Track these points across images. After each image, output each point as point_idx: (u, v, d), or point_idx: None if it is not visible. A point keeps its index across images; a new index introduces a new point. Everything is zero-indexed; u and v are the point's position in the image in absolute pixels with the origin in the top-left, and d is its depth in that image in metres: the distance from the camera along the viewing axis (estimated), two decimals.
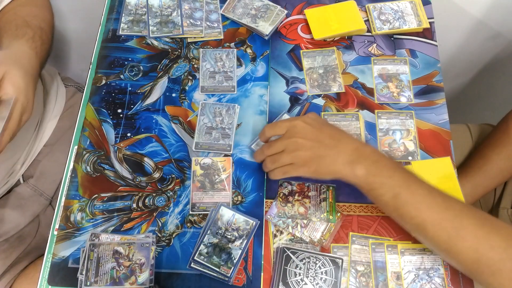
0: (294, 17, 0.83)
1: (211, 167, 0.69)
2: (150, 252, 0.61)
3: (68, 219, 0.65)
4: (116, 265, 0.60)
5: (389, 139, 0.72)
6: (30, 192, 0.84)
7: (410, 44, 0.81)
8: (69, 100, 0.94)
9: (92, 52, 0.78)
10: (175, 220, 0.65)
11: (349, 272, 0.63)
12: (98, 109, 0.73)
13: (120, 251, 0.61)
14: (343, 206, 0.68)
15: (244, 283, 0.62)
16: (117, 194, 0.67)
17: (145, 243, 0.62)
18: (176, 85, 0.76)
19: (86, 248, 0.61)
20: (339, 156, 0.58)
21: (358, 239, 0.65)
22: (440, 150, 0.72)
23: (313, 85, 0.77)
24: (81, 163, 0.69)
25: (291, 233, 0.65)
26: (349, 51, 0.80)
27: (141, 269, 0.60)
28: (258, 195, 0.67)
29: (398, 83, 0.77)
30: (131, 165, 0.69)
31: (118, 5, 0.83)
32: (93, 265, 0.60)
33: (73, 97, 0.96)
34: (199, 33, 0.80)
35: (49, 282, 0.61)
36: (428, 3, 0.85)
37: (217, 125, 0.71)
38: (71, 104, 0.94)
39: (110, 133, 0.71)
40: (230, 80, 0.76)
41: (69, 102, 0.94)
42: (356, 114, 0.74)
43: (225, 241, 0.62)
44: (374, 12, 0.83)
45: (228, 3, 0.82)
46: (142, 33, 0.80)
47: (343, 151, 0.58)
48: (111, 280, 0.59)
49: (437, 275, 0.63)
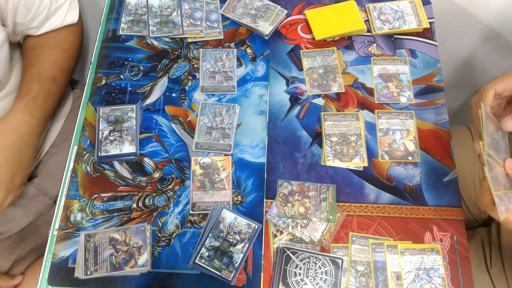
0: (294, 17, 0.83)
1: (210, 166, 0.69)
2: (146, 235, 0.62)
3: (68, 219, 0.65)
4: (114, 251, 0.61)
5: (389, 139, 0.72)
6: (35, 191, 0.84)
7: (410, 44, 0.81)
8: (75, 102, 0.95)
9: (92, 52, 0.78)
10: (175, 220, 0.65)
11: (349, 272, 0.63)
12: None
13: (116, 238, 0.62)
14: (343, 206, 0.68)
15: (244, 283, 0.62)
16: (117, 194, 0.67)
17: (140, 227, 0.63)
18: (176, 85, 0.76)
19: (81, 240, 0.61)
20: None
21: (358, 239, 0.65)
22: (440, 150, 0.72)
23: (313, 85, 0.77)
24: (81, 163, 0.69)
25: (291, 233, 0.65)
26: (349, 51, 0.80)
27: (139, 252, 0.61)
28: (258, 195, 0.67)
29: (398, 83, 0.77)
30: (131, 165, 0.69)
31: (118, 5, 0.83)
32: (91, 254, 0.60)
33: (78, 99, 0.97)
34: (199, 33, 0.80)
35: (49, 282, 0.61)
36: (428, 3, 0.85)
37: (217, 125, 0.71)
38: (77, 105, 0.95)
39: None
40: (230, 80, 0.76)
41: (75, 103, 0.95)
42: (356, 114, 0.74)
43: (227, 245, 0.62)
44: (374, 12, 0.83)
45: (228, 3, 0.82)
46: (142, 33, 0.80)
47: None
48: (111, 266, 0.60)
49: (437, 275, 0.63)
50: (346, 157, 0.70)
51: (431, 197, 0.68)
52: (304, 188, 0.68)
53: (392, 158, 0.71)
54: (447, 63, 1.11)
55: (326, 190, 0.68)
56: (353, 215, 0.67)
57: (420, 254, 0.64)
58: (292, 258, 0.62)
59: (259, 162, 0.70)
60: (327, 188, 0.68)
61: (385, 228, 0.66)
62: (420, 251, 0.64)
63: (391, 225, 0.66)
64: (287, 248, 0.63)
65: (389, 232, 0.66)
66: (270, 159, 0.70)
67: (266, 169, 0.69)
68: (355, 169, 0.70)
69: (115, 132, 0.70)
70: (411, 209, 0.68)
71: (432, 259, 0.63)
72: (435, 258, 0.63)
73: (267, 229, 0.66)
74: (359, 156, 0.70)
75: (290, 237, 0.65)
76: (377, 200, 0.68)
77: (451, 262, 0.64)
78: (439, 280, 0.62)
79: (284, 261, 0.62)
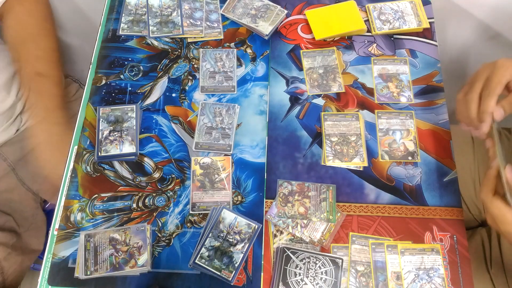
0: (294, 17, 0.83)
1: (210, 166, 0.69)
2: (146, 235, 0.62)
3: (68, 219, 0.65)
4: (114, 251, 0.61)
5: (389, 139, 0.72)
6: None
7: (410, 44, 0.81)
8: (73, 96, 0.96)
9: (92, 52, 0.78)
10: (175, 220, 0.65)
11: (349, 272, 0.63)
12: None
13: (116, 238, 0.62)
14: (343, 206, 0.68)
15: (244, 283, 0.62)
16: (117, 194, 0.67)
17: (140, 227, 0.63)
18: (176, 85, 0.76)
19: (81, 240, 0.61)
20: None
21: (358, 239, 0.65)
22: (440, 150, 0.72)
23: (313, 85, 0.77)
24: (81, 163, 0.69)
25: (291, 233, 0.65)
26: (349, 51, 0.80)
27: (139, 252, 0.61)
28: (258, 195, 0.67)
29: (398, 83, 0.77)
30: (131, 165, 0.69)
31: (118, 5, 0.83)
32: (91, 254, 0.60)
33: (77, 92, 0.97)
34: (199, 33, 0.80)
35: (49, 282, 0.61)
36: (428, 3, 0.85)
37: (217, 125, 0.71)
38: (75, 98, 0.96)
39: None
40: (230, 80, 0.76)
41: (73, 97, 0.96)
42: (356, 114, 0.74)
43: (227, 245, 0.62)
44: (374, 12, 0.83)
45: (228, 3, 0.82)
46: (142, 33, 0.80)
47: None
48: (111, 266, 0.60)
49: (437, 275, 0.63)
50: (346, 157, 0.70)
51: (431, 197, 0.68)
52: (304, 188, 0.68)
53: (392, 158, 0.71)
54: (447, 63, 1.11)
55: (326, 190, 0.68)
56: (353, 215, 0.67)
57: (420, 254, 0.64)
58: (292, 258, 0.62)
59: (259, 162, 0.70)
60: (327, 188, 0.68)
61: (385, 228, 0.66)
62: (420, 251, 0.64)
63: (391, 225, 0.66)
64: (287, 248, 0.63)
65: (389, 232, 0.66)
66: (270, 159, 0.70)
67: (266, 169, 0.69)
68: (355, 169, 0.70)
69: (115, 132, 0.70)
70: (411, 209, 0.68)
71: (432, 259, 0.63)
72: (435, 258, 0.63)
73: (267, 229, 0.66)
74: (359, 156, 0.70)
75: (290, 237, 0.65)
76: (377, 200, 0.68)
77: (451, 262, 0.64)
78: (439, 280, 0.62)
79: (284, 261, 0.62)
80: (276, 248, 0.64)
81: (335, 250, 0.64)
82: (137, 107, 0.71)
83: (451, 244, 0.65)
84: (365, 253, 0.64)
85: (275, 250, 0.64)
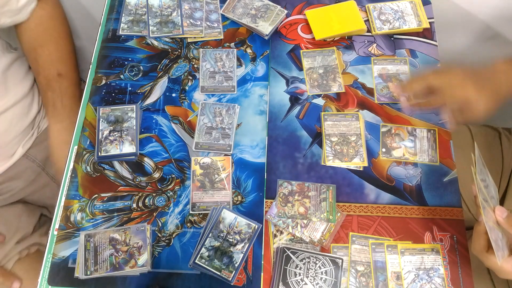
0: (294, 17, 0.83)
1: (210, 166, 0.69)
2: (146, 235, 0.62)
3: (68, 219, 0.65)
4: (114, 251, 0.61)
5: None
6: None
7: (410, 44, 0.81)
8: None
9: (92, 52, 0.78)
10: (175, 220, 0.65)
11: (349, 272, 0.63)
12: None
13: (116, 238, 0.62)
14: (343, 206, 0.68)
15: (244, 283, 0.62)
16: (117, 194, 0.67)
17: (140, 227, 0.63)
18: (176, 85, 0.76)
19: (81, 240, 0.61)
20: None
21: (358, 239, 0.65)
22: (440, 150, 0.72)
23: (313, 85, 0.77)
24: (81, 163, 0.69)
25: (291, 233, 0.65)
26: (349, 51, 0.80)
27: (139, 252, 0.61)
28: (258, 195, 0.67)
29: (398, 83, 0.77)
30: (131, 165, 0.69)
31: (118, 5, 0.83)
32: (91, 254, 0.60)
33: None
34: (199, 33, 0.80)
35: (49, 282, 0.61)
36: (428, 3, 0.85)
37: (217, 125, 0.71)
38: None
39: None
40: (230, 80, 0.76)
41: None
42: (356, 114, 0.74)
43: (227, 245, 0.62)
44: (374, 12, 0.83)
45: (228, 3, 0.82)
46: (142, 33, 0.80)
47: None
48: (111, 266, 0.60)
49: (437, 275, 0.63)
50: (346, 157, 0.70)
51: (431, 197, 0.68)
52: (304, 188, 0.68)
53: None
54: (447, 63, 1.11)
55: (326, 190, 0.68)
56: (353, 215, 0.67)
57: (420, 254, 0.64)
58: (292, 258, 0.62)
59: (259, 162, 0.70)
60: (327, 188, 0.68)
61: (385, 228, 0.66)
62: (420, 251, 0.64)
63: (391, 225, 0.66)
64: (287, 248, 0.63)
65: (389, 232, 0.66)
66: (270, 159, 0.70)
67: (266, 169, 0.69)
68: (355, 169, 0.70)
69: (115, 132, 0.70)
70: (411, 209, 0.68)
71: (432, 259, 0.64)
72: (435, 258, 0.64)
73: (267, 229, 0.66)
74: (359, 156, 0.70)
75: (290, 237, 0.65)
76: (377, 200, 0.68)
77: (451, 262, 0.64)
78: (439, 280, 0.62)
79: (284, 261, 0.62)
80: (276, 248, 0.64)
81: (335, 250, 0.64)
82: (137, 107, 0.71)
83: (451, 244, 0.65)
84: (365, 253, 0.64)
85: (275, 250, 0.64)
